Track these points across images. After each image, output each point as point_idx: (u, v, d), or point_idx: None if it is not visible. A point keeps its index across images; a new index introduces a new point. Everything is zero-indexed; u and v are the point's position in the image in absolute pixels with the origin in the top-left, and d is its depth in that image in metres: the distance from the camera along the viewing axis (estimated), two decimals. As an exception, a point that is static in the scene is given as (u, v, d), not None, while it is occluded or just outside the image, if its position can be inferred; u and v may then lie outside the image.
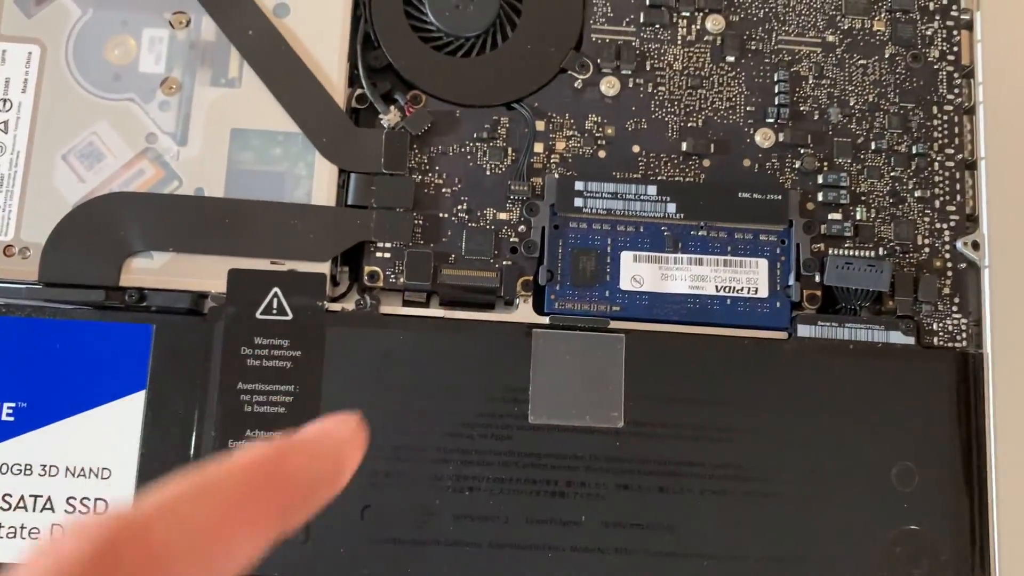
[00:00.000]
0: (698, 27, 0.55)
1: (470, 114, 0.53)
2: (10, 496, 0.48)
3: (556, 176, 0.52)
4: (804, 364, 0.50)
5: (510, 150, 0.53)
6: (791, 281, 0.51)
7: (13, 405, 0.49)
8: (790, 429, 0.50)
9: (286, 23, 0.55)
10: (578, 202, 0.52)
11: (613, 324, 0.50)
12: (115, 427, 0.50)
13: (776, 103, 0.54)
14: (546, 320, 0.50)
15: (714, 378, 0.50)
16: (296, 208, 0.52)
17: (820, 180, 0.53)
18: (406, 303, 0.53)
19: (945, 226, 0.53)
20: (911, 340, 0.51)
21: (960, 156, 0.53)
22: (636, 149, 0.53)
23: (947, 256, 0.52)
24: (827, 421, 0.50)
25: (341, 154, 0.52)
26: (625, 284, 0.51)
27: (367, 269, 0.52)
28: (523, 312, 0.51)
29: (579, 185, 0.52)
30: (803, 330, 0.51)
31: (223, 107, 0.52)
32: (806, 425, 0.50)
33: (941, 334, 0.51)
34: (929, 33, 0.55)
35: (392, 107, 0.53)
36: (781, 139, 0.53)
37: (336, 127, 0.52)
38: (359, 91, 0.53)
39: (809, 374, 0.50)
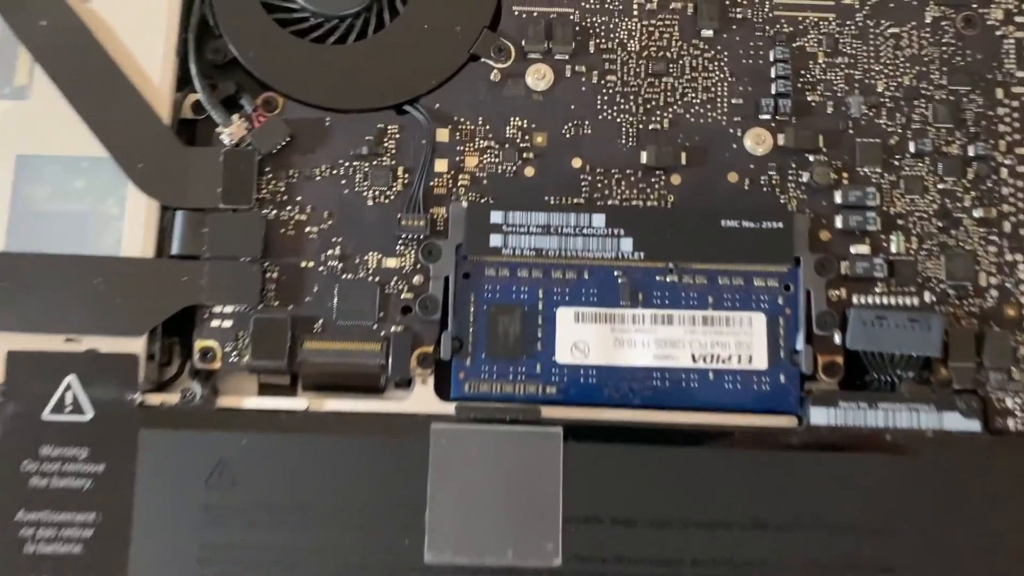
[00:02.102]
0: (662, -9, 0.44)
1: (345, 122, 0.43)
2: None
3: (465, 204, 0.40)
4: (821, 465, 0.40)
5: (401, 170, 0.42)
6: (799, 344, 0.40)
7: None
8: (804, 560, 0.38)
9: (92, 8, 0.43)
10: (496, 240, 0.40)
11: (546, 413, 0.40)
12: None
13: (773, 92, 0.43)
14: (451, 409, 0.40)
15: (693, 490, 0.39)
16: (100, 263, 0.40)
17: (838, 199, 0.42)
18: (263, 389, 0.41)
19: (1020, 258, 0.41)
20: (975, 424, 0.40)
21: (1038, 158, 0.44)
22: (577, 163, 0.42)
23: (1024, 301, 0.42)
24: (857, 547, 0.39)
25: (164, 185, 0.41)
26: (564, 355, 0.40)
27: (199, 345, 0.41)
28: (420, 399, 0.41)
29: (497, 216, 0.41)
30: (818, 415, 0.40)
31: (6, 126, 0.42)
32: (826, 554, 0.38)
33: (1018, 415, 0.40)
34: (988, -14, 0.45)
35: (236, 116, 0.42)
36: (781, 142, 0.43)
37: (157, 147, 0.42)
38: (192, 96, 0.43)
39: (829, 480, 0.39)
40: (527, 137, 0.43)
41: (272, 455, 0.40)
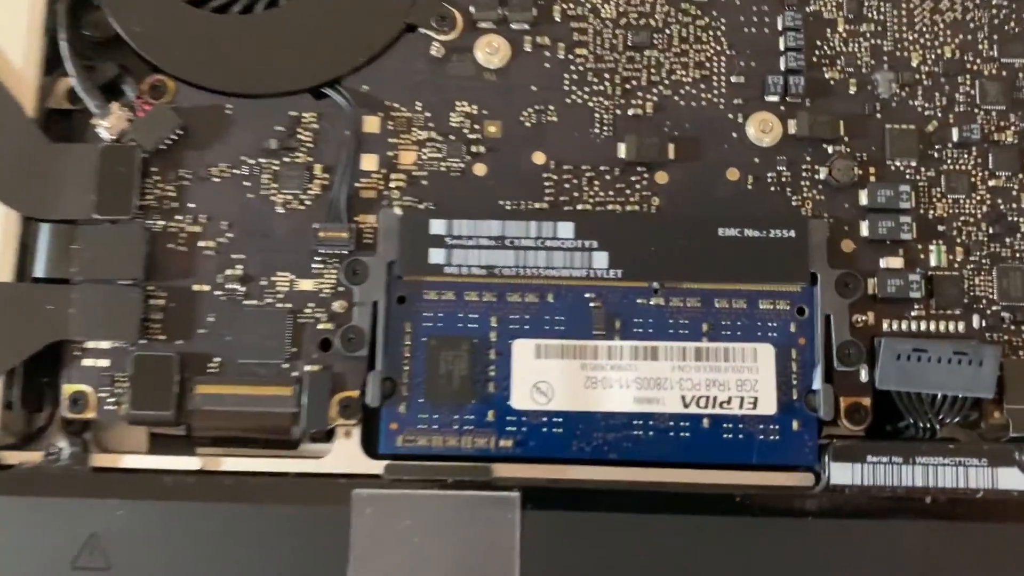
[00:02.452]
0: (645, -55, 0.36)
1: (251, 110, 0.36)
2: None
3: (399, 212, 0.33)
4: (845, 536, 0.32)
5: (319, 169, 0.35)
6: (816, 383, 0.33)
7: None
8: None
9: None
10: (437, 256, 0.33)
11: (500, 472, 0.34)
12: None
13: (783, 68, 0.37)
14: (381, 469, 0.34)
15: (684, 570, 0.32)
16: None
17: (864, 200, 0.35)
18: (157, 443, 0.35)
19: (1092, 274, 0.34)
20: (1038, 483, 0.32)
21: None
22: (539, 159, 0.35)
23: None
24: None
25: (25, 191, 0.35)
26: (521, 399, 0.33)
27: (67, 390, 0.34)
28: (342, 456, 0.34)
29: (439, 226, 0.34)
30: (841, 472, 0.33)
31: None
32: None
33: (1093, 470, 0.32)
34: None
35: (117, 105, 0.35)
36: (792, 130, 0.36)
37: (17, 144, 0.35)
38: (63, 81, 0.36)
39: (853, 554, 0.32)
40: (477, 127, 0.36)
41: (156, 529, 0.33)
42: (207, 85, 0.36)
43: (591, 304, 0.35)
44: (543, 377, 0.34)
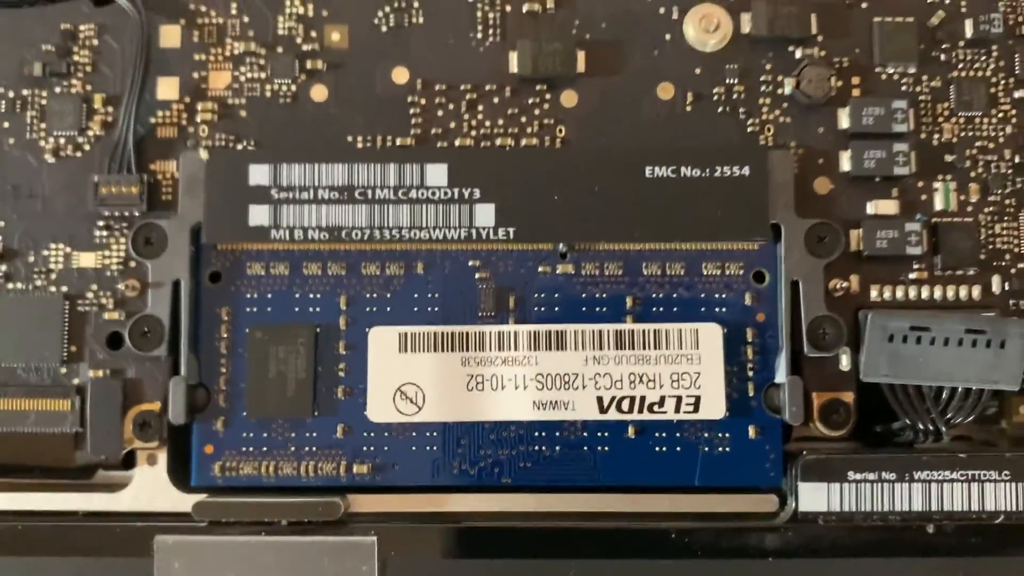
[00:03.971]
0: None
1: (10, 21, 0.27)
2: None
3: (204, 155, 0.25)
4: None
5: (100, 101, 0.27)
6: (780, 375, 0.25)
7: None
8: None
9: None
10: (260, 215, 0.26)
11: (355, 505, 0.26)
12: None
13: None
14: (190, 506, 0.25)
15: None
16: None
17: (845, 122, 0.27)
18: None
19: None
20: (1079, 503, 0.24)
21: None
22: (401, 77, 0.27)
23: None
24: None
25: None
26: (381, 409, 0.25)
27: None
28: (143, 488, 0.26)
29: (260, 173, 0.26)
30: (812, 495, 0.25)
31: None
32: None
33: None
34: None
35: None
36: (746, 28, 0.28)
37: None
38: None
39: None
40: (314, 34, 0.27)
41: None
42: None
43: (476, 275, 0.27)
44: (410, 378, 0.26)
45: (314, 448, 0.26)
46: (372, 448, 0.26)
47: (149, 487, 0.26)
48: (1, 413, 0.26)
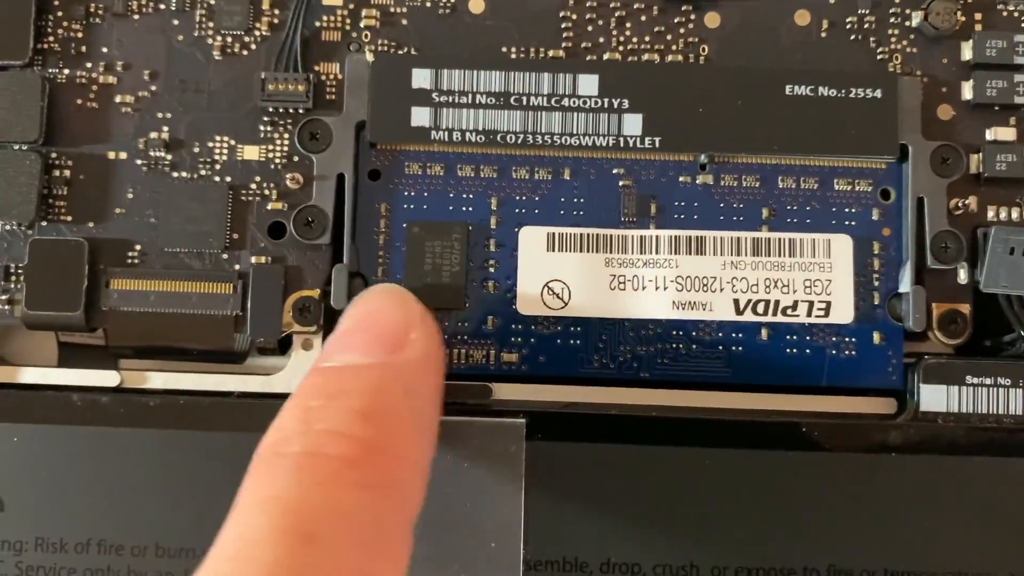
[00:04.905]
0: None
1: None
2: None
3: (370, 58, 0.27)
4: (936, 475, 0.26)
5: (266, 2, 0.28)
6: (904, 285, 0.27)
7: None
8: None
9: None
10: (421, 117, 0.27)
11: (501, 394, 0.28)
12: None
13: None
14: None
15: (741, 512, 0.26)
16: None
17: (968, 53, 0.28)
18: (68, 353, 0.28)
19: None
20: None
21: None
22: None
23: None
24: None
25: None
26: (529, 303, 0.27)
27: None
28: (298, 372, 0.27)
29: (422, 77, 0.27)
30: (932, 397, 0.27)
31: None
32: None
33: None
34: None
35: None
36: None
37: None
38: None
39: (947, 494, 0.26)
40: None
41: (60, 460, 0.27)
42: None
43: (619, 182, 0.28)
44: (557, 275, 0.28)
45: (465, 337, 0.28)
46: (520, 339, 0.28)
47: (304, 371, 0.28)
48: (166, 295, 0.28)
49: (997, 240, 0.28)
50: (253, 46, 0.28)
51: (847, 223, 0.28)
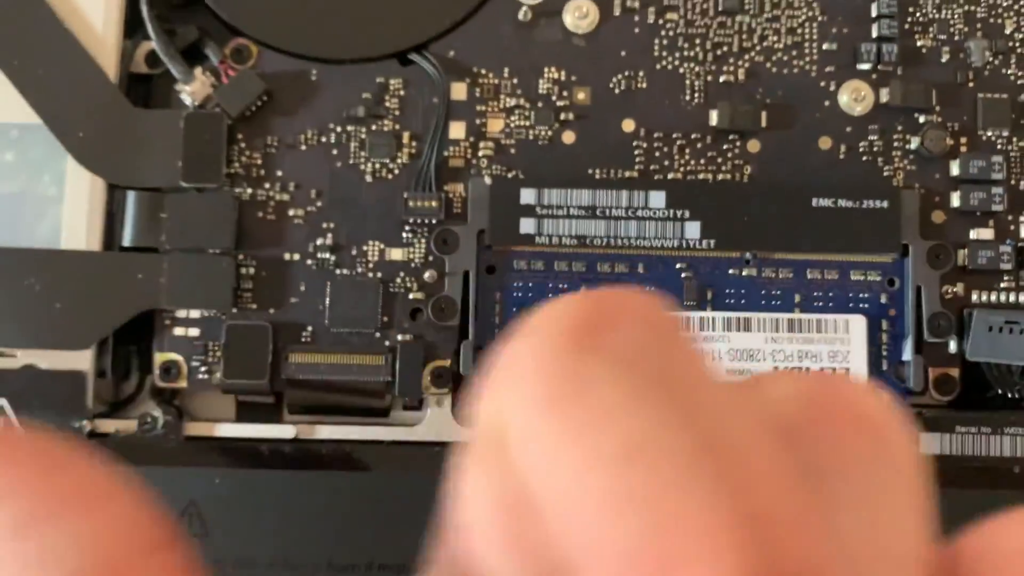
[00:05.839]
0: (735, -96, 0.37)
1: (336, 76, 0.37)
2: None
3: (488, 181, 0.35)
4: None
5: (407, 137, 0.36)
6: (907, 354, 0.34)
7: None
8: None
9: (14, -72, 0.37)
10: (527, 225, 0.35)
11: None
12: None
13: (875, 35, 0.37)
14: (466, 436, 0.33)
15: None
16: (34, 257, 0.35)
17: (955, 170, 0.36)
18: (243, 410, 0.36)
19: None
20: None
21: None
22: (629, 127, 0.36)
23: None
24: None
25: (111, 158, 0.35)
26: None
27: (160, 359, 0.35)
28: (434, 424, 0.35)
29: (528, 195, 0.35)
30: (929, 441, 0.34)
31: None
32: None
33: None
34: None
35: (200, 70, 0.36)
36: (884, 99, 0.36)
37: (102, 110, 0.35)
38: (144, 45, 0.36)
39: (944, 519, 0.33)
40: (565, 93, 0.36)
41: (252, 496, 0.35)
42: (291, 50, 0.36)
43: (682, 275, 0.36)
44: (634, 347, 0.37)
45: (564, 397, 0.36)
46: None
47: (439, 423, 0.36)
48: (332, 366, 0.36)
49: (980, 319, 0.36)
50: (397, 171, 0.36)
51: (861, 306, 0.36)
